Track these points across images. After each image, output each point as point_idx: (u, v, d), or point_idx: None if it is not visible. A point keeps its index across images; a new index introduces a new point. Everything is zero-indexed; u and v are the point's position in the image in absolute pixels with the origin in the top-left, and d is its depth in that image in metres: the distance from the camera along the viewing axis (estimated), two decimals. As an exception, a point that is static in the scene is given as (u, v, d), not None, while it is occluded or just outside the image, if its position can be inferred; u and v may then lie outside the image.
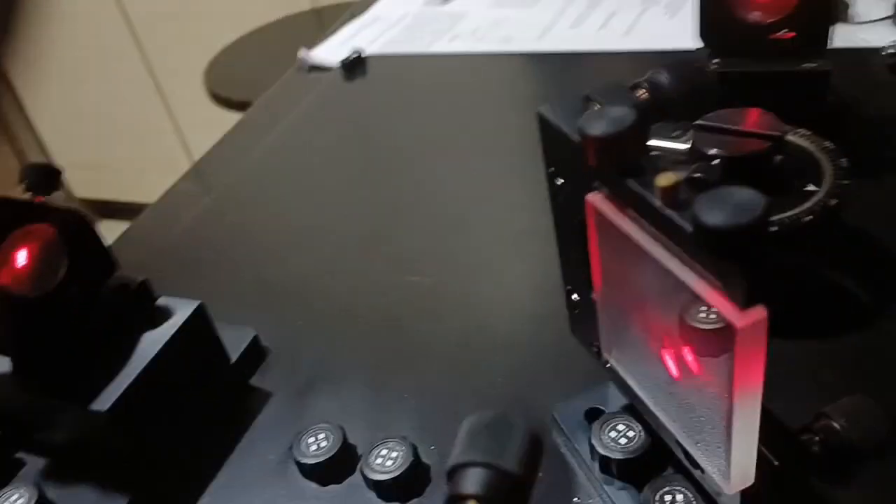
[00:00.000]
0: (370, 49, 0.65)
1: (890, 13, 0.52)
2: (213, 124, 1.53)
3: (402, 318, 0.38)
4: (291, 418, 0.34)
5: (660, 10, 0.63)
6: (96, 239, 0.32)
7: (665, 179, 0.19)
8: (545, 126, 0.24)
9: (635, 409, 0.29)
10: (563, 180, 0.24)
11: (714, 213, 0.16)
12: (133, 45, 1.66)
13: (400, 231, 0.44)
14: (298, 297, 0.41)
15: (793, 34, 0.38)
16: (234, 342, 0.36)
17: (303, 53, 0.67)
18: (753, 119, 0.32)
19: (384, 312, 0.39)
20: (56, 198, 0.33)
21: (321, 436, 0.31)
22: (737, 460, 0.21)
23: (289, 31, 1.25)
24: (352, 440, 0.32)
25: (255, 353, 0.37)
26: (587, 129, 0.20)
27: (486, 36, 0.66)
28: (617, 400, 0.30)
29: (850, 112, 0.42)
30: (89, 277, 0.32)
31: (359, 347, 0.37)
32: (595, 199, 0.22)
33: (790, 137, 0.33)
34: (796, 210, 0.30)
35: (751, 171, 0.31)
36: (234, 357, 0.36)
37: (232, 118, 1.14)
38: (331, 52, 0.67)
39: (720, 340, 0.18)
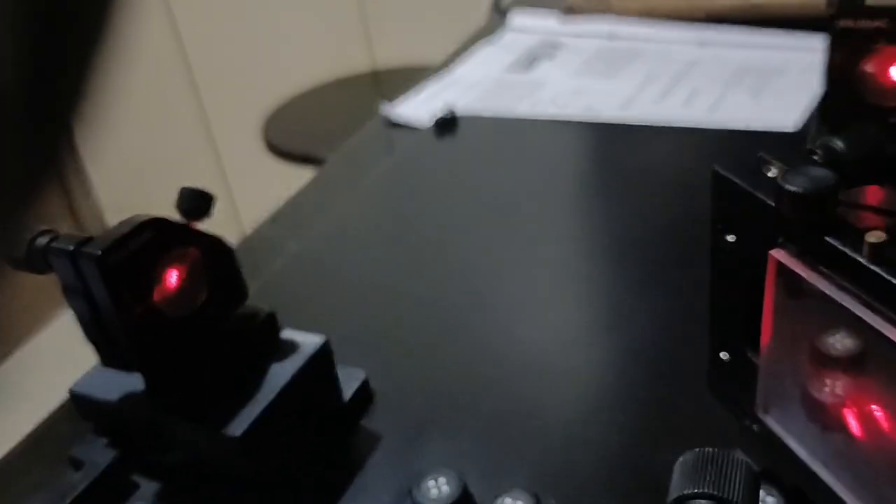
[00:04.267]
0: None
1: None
2: (259, 176, 1.56)
3: (510, 369, 0.38)
4: (403, 462, 0.34)
5: (742, 91, 0.65)
6: (236, 268, 0.33)
7: (875, 236, 0.19)
8: (720, 183, 0.24)
9: (771, 475, 0.28)
10: (733, 237, 0.25)
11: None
12: (191, 94, 1.71)
13: (500, 285, 0.45)
14: (400, 343, 0.41)
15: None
16: (346, 382, 0.36)
17: (386, 110, 0.69)
18: (889, 197, 0.33)
19: (489, 361, 0.39)
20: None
21: (441, 480, 0.31)
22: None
23: (347, 90, 1.29)
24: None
25: (366, 395, 0.37)
26: (789, 186, 0.21)
27: (568, 104, 0.67)
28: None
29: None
30: (224, 304, 0.32)
31: (466, 396, 0.37)
32: (780, 255, 0.22)
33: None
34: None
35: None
36: (345, 397, 0.36)
37: (281, 171, 1.17)
38: (414, 110, 0.69)
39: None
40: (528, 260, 0.46)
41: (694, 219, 0.28)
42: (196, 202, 0.30)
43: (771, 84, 0.64)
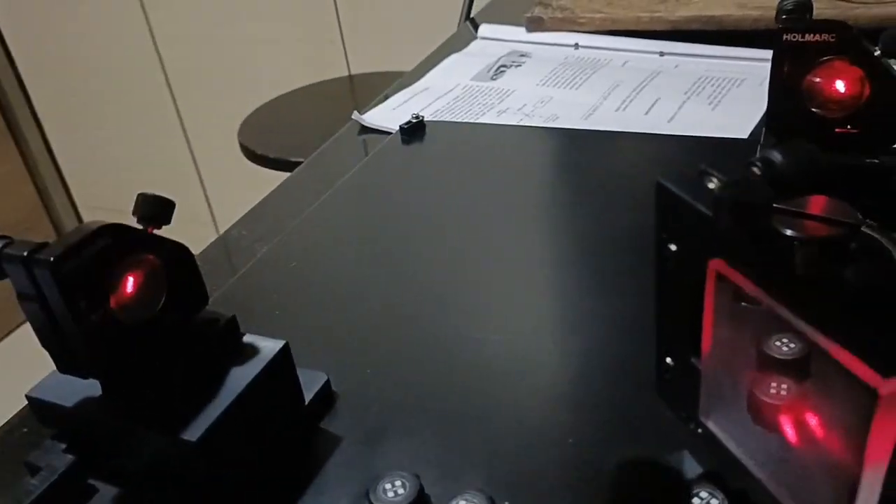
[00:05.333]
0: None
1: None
2: (236, 179, 1.56)
3: (469, 372, 0.39)
4: (362, 464, 0.34)
5: (702, 101, 0.66)
6: (197, 273, 0.33)
7: (807, 248, 0.20)
8: (663, 194, 0.25)
9: (716, 477, 0.29)
10: (675, 247, 0.26)
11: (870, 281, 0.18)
12: (168, 97, 1.70)
13: (461, 289, 0.45)
14: (363, 346, 0.42)
15: (856, 130, 0.40)
16: (307, 385, 0.36)
17: (356, 116, 0.70)
18: (829, 206, 0.34)
19: (451, 365, 0.39)
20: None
21: (398, 482, 0.32)
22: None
23: (323, 95, 1.29)
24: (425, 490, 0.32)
25: (326, 397, 0.37)
26: (725, 198, 0.21)
27: (534, 112, 0.68)
28: (692, 467, 0.31)
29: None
30: (184, 309, 0.33)
31: (427, 398, 0.38)
32: (719, 264, 0.23)
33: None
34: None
35: (829, 256, 0.32)
36: (306, 400, 0.36)
37: (258, 175, 1.17)
38: (384, 116, 0.70)
39: (856, 407, 0.19)
40: (489, 264, 0.47)
41: (652, 226, 0.29)
42: (154, 208, 0.31)
43: (728, 94, 0.66)
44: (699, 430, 0.28)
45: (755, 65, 0.70)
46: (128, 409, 0.31)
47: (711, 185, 0.24)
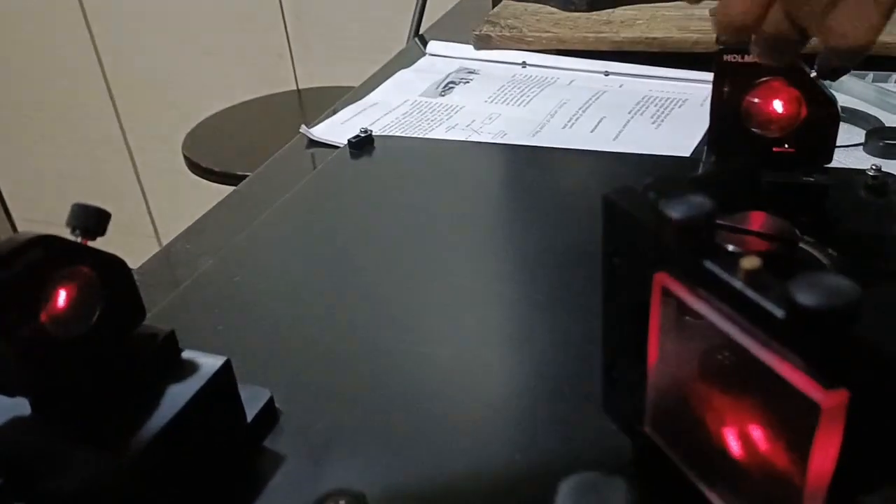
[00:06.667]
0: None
1: (861, 141, 0.57)
2: (180, 192, 1.52)
3: (415, 388, 0.38)
4: (305, 483, 0.33)
5: (645, 120, 0.67)
6: (133, 287, 0.32)
7: (749, 262, 0.20)
8: (610, 209, 0.25)
9: (661, 491, 0.30)
10: (620, 260, 0.26)
11: (811, 295, 0.18)
12: (110, 107, 1.66)
13: (408, 304, 0.45)
14: (307, 362, 0.41)
15: (792, 150, 0.41)
16: (249, 402, 0.36)
17: (304, 130, 0.69)
18: (768, 223, 0.35)
19: (396, 381, 0.39)
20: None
21: (343, 502, 0.31)
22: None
23: (270, 108, 1.27)
24: (370, 509, 0.31)
25: (269, 415, 0.36)
26: (669, 213, 0.22)
27: (482, 129, 0.69)
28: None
29: (839, 225, 0.45)
30: (120, 324, 0.31)
31: (371, 414, 0.37)
32: (664, 278, 0.23)
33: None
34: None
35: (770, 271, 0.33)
36: (249, 417, 0.35)
37: (203, 188, 1.15)
38: (332, 130, 0.69)
39: (798, 419, 0.20)
40: (436, 278, 0.47)
41: (596, 240, 0.29)
42: (89, 219, 0.29)
43: (671, 114, 0.67)
44: (644, 444, 0.28)
45: (696, 86, 0.71)
46: (59, 428, 0.30)
47: (656, 201, 0.24)
